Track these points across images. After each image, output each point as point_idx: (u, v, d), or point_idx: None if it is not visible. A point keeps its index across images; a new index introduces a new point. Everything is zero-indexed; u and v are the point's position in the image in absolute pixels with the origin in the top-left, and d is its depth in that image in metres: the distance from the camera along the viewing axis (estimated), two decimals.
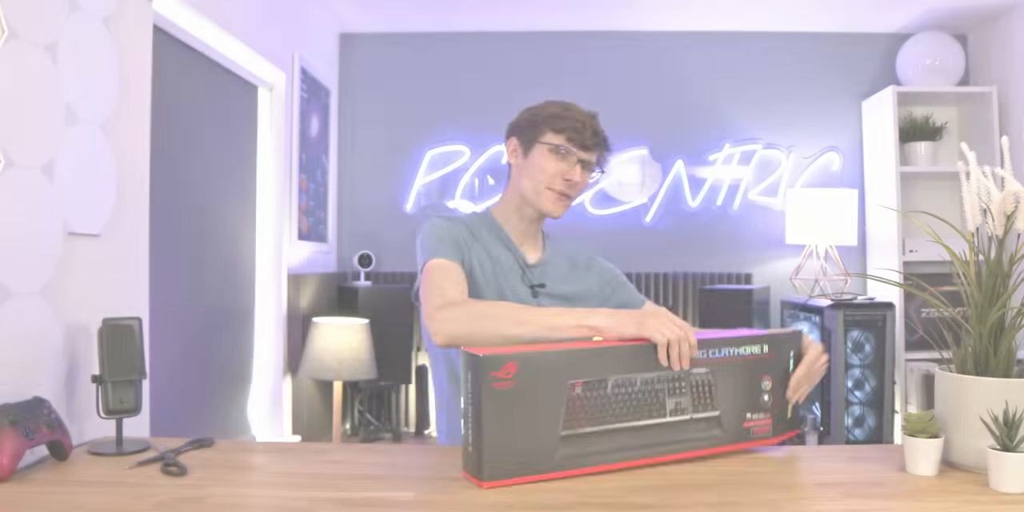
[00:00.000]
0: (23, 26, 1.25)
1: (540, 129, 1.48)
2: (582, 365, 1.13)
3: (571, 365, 1.12)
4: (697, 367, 1.20)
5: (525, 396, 1.08)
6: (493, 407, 1.06)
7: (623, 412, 1.16)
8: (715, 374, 1.22)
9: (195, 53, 2.27)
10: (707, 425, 1.22)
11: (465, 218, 1.55)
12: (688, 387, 1.20)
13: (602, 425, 1.14)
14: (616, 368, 1.15)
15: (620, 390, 1.16)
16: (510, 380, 1.07)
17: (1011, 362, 1.15)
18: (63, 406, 1.36)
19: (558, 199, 1.47)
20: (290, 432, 2.86)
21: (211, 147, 2.38)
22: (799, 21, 3.40)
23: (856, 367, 2.92)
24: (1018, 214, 1.16)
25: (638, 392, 1.17)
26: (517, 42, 3.56)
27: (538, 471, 1.10)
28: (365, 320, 2.83)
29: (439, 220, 1.50)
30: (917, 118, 3.34)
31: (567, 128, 1.45)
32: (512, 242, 1.53)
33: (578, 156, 1.46)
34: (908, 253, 3.18)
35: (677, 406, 1.20)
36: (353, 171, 3.56)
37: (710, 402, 1.22)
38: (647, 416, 1.18)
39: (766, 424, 1.27)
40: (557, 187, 1.46)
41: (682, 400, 1.20)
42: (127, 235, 1.62)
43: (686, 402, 1.20)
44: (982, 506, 0.99)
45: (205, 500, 1.03)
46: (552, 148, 1.46)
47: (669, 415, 1.19)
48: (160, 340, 1.98)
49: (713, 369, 1.22)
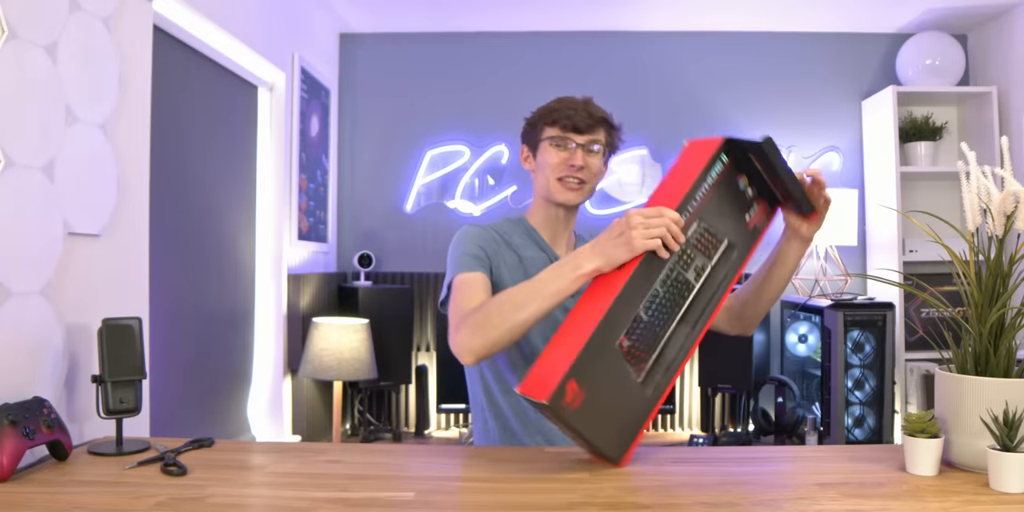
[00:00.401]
0: (23, 26, 1.25)
1: (539, 128, 1.52)
2: (613, 326, 1.13)
3: (606, 335, 1.12)
4: (689, 228, 1.19)
5: (598, 389, 1.12)
6: (584, 419, 1.11)
7: (666, 318, 1.18)
8: (703, 217, 1.21)
9: (195, 53, 2.27)
10: (727, 256, 1.23)
11: (498, 224, 1.56)
12: (692, 248, 1.20)
13: (659, 344, 1.17)
14: (635, 300, 1.15)
15: (652, 308, 1.17)
16: (580, 392, 1.10)
17: (1011, 362, 1.15)
18: (63, 406, 1.36)
19: (568, 187, 1.49)
20: (290, 432, 2.86)
21: (211, 147, 2.38)
22: (799, 21, 3.39)
23: (856, 367, 2.92)
24: (1018, 214, 1.16)
25: (665, 294, 1.18)
26: (517, 42, 3.56)
27: (642, 419, 1.17)
28: (365, 320, 2.83)
29: (470, 228, 1.52)
30: (917, 118, 3.34)
31: (560, 118, 1.48)
32: (545, 243, 1.55)
33: (575, 141, 1.48)
34: (908, 253, 3.18)
35: (697, 270, 1.20)
36: (353, 171, 3.57)
37: (715, 240, 1.22)
38: (683, 299, 1.19)
39: (762, 210, 1.28)
40: (564, 175, 1.48)
41: (696, 262, 1.20)
42: (127, 235, 1.62)
43: (700, 259, 1.21)
44: (982, 506, 0.99)
45: (205, 500, 1.03)
46: (550, 141, 1.49)
47: (697, 281, 1.20)
48: (160, 340, 1.98)
49: (700, 216, 1.20)
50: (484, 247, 1.47)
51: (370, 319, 2.88)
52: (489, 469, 1.19)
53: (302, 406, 2.91)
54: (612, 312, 1.12)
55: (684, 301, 1.20)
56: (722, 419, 3.39)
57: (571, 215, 1.56)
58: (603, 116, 1.51)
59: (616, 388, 1.14)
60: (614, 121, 1.55)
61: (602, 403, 1.12)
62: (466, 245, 1.47)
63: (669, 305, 1.19)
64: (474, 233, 1.49)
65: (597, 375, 1.12)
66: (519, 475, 1.16)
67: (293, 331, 2.85)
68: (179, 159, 2.16)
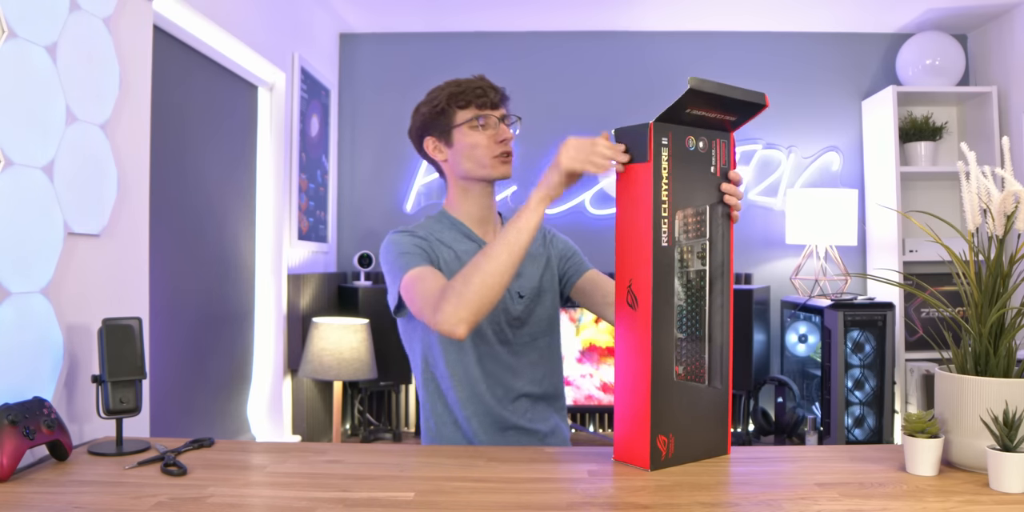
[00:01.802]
0: (23, 26, 1.25)
1: (448, 114, 1.52)
2: (663, 364, 1.16)
3: (662, 377, 1.16)
4: (674, 228, 1.18)
5: (682, 421, 1.19)
6: (683, 453, 1.19)
7: (699, 317, 1.21)
8: (679, 207, 1.18)
9: (195, 53, 2.27)
10: (714, 216, 1.23)
11: (422, 225, 1.55)
12: (686, 241, 1.19)
13: (705, 343, 1.21)
14: (668, 329, 1.17)
15: (683, 322, 1.19)
16: (669, 439, 1.18)
17: (1011, 362, 1.15)
18: (63, 406, 1.36)
19: (504, 162, 1.50)
20: (290, 432, 2.86)
21: (211, 147, 2.38)
22: (799, 21, 3.40)
23: (856, 367, 2.92)
24: (1018, 214, 1.16)
25: (688, 299, 1.19)
26: (517, 42, 3.56)
27: (725, 408, 1.25)
28: (365, 320, 2.83)
29: (396, 236, 1.50)
30: (917, 118, 3.34)
31: (472, 98, 1.49)
32: (474, 233, 1.54)
33: (495, 116, 1.50)
34: (908, 253, 3.18)
35: (700, 254, 1.21)
36: (353, 171, 3.57)
37: (699, 214, 1.21)
38: (703, 289, 1.21)
39: (720, 147, 1.24)
40: (498, 152, 1.49)
41: (696, 248, 1.20)
42: (127, 235, 1.62)
43: (697, 243, 1.20)
44: (982, 506, 0.99)
45: (205, 500, 1.03)
46: (471, 124, 1.49)
47: (705, 264, 1.22)
48: (160, 340, 1.98)
49: (676, 209, 1.18)
50: (418, 244, 1.46)
51: (370, 319, 2.88)
52: (489, 469, 1.19)
53: (302, 406, 2.91)
54: (656, 354, 1.15)
55: (705, 290, 1.21)
56: None
57: (489, 193, 1.56)
58: (502, 88, 1.53)
59: (694, 408, 1.21)
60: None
61: (690, 428, 1.20)
62: (401, 247, 1.46)
63: (695, 304, 1.20)
64: (402, 239, 1.48)
65: (673, 414, 1.18)
66: (519, 475, 1.16)
67: (293, 331, 2.85)
68: (179, 159, 2.16)
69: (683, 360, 1.19)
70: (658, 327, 1.16)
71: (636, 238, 1.17)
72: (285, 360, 2.81)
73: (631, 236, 1.18)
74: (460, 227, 1.54)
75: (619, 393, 1.20)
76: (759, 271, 3.51)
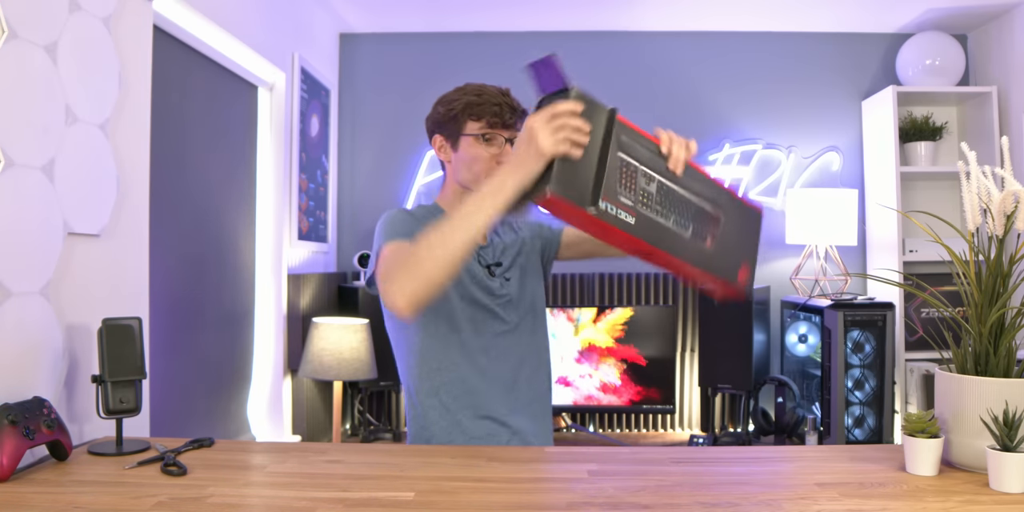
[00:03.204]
0: (23, 26, 1.25)
1: (460, 121, 1.50)
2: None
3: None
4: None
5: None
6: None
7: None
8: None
9: (195, 53, 2.27)
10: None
11: (417, 211, 1.56)
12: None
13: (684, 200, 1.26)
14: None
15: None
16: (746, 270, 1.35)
17: (1011, 362, 1.15)
18: (63, 406, 1.36)
19: None
20: (290, 432, 2.86)
21: (211, 147, 2.38)
22: (799, 21, 3.39)
23: (856, 367, 2.92)
24: (1018, 214, 1.16)
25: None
26: (517, 42, 3.56)
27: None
28: (365, 320, 2.83)
29: (397, 212, 1.51)
30: (917, 118, 3.34)
31: (485, 113, 1.48)
32: None
33: (503, 136, 1.49)
34: (908, 253, 3.18)
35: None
36: (353, 171, 3.56)
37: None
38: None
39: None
40: (494, 171, 1.47)
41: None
42: (127, 235, 1.62)
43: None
44: (982, 506, 0.99)
45: (205, 500, 1.03)
46: (477, 138, 1.49)
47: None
48: (160, 340, 1.98)
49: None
50: (410, 225, 1.45)
51: (370, 319, 2.88)
52: (489, 469, 1.19)
53: (302, 406, 2.91)
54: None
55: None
56: (722, 419, 3.39)
57: None
58: (523, 108, 1.52)
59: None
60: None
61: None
62: (394, 223, 1.45)
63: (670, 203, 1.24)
64: (398, 216, 1.48)
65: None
66: (519, 475, 1.16)
67: (293, 331, 2.85)
68: (179, 159, 2.16)
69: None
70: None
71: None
72: (285, 360, 2.81)
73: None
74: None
75: (668, 262, 1.25)
76: (759, 271, 3.50)
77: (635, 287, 3.41)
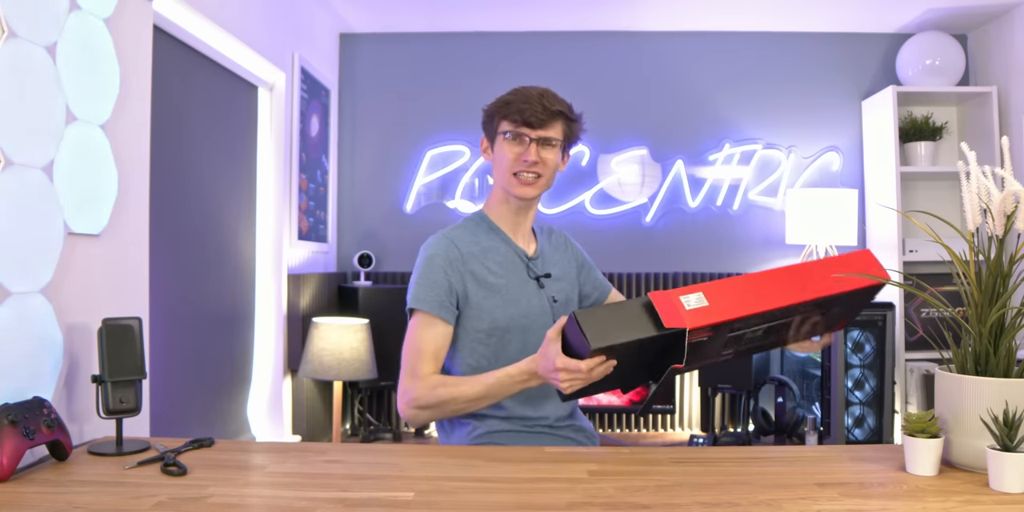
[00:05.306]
0: (23, 26, 1.25)
1: (495, 121, 1.53)
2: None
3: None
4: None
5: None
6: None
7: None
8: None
9: (195, 53, 2.27)
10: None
11: (461, 233, 1.56)
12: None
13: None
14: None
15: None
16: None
17: (1011, 362, 1.15)
18: (63, 406, 1.36)
19: (523, 182, 1.51)
20: (290, 432, 2.86)
21: (211, 147, 2.38)
22: (799, 21, 3.39)
23: (856, 367, 2.92)
24: (1018, 214, 1.16)
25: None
26: (517, 42, 3.56)
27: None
28: (365, 320, 2.83)
29: (436, 243, 1.52)
30: (917, 118, 3.34)
31: (513, 112, 1.48)
32: (510, 239, 1.56)
33: (529, 135, 1.48)
34: (908, 253, 3.18)
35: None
36: (353, 171, 3.56)
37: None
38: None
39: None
40: (518, 170, 1.49)
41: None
42: (127, 235, 1.62)
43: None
44: (982, 506, 0.99)
45: (205, 500, 1.03)
46: (504, 135, 1.50)
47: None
48: (160, 340, 1.98)
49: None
50: (449, 275, 1.48)
51: (370, 319, 2.88)
52: (489, 469, 1.20)
53: (302, 406, 2.91)
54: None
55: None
56: (722, 419, 3.39)
57: (529, 206, 1.57)
58: (559, 109, 1.50)
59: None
60: (573, 112, 1.53)
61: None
62: (430, 270, 1.50)
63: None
64: (441, 254, 1.50)
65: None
66: (519, 475, 1.16)
67: (293, 331, 2.85)
68: (179, 159, 2.16)
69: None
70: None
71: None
72: (285, 360, 2.81)
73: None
74: (499, 233, 1.57)
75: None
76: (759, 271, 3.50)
77: (635, 287, 3.41)
